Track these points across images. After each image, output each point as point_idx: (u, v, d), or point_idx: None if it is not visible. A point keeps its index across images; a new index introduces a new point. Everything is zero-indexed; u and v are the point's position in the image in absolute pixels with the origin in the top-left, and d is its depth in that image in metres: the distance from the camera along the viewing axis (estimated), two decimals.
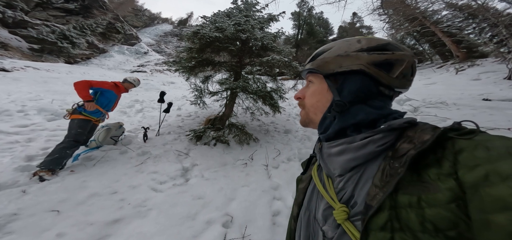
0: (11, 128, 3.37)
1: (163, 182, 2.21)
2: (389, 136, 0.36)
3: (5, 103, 4.51)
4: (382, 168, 0.33)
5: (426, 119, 4.00)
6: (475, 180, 0.26)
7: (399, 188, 0.30)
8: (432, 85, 7.44)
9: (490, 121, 3.22)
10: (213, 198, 1.96)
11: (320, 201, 0.42)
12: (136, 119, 4.59)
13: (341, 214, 0.34)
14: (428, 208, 0.27)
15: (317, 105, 0.45)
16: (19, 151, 2.74)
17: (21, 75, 7.57)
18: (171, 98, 6.42)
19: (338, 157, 0.39)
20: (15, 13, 11.17)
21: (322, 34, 21.54)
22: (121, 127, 3.28)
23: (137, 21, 25.02)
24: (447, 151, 0.30)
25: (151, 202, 1.82)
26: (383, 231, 0.29)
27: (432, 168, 0.29)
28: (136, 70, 12.62)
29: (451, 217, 0.26)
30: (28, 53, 10.86)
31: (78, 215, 1.62)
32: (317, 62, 0.46)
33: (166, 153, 2.98)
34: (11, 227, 1.47)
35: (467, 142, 0.29)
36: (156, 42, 21.39)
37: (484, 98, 4.90)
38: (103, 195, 1.89)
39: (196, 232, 1.47)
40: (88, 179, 2.19)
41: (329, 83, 0.43)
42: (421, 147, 0.30)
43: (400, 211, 0.29)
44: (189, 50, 3.71)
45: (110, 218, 1.58)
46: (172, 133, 3.84)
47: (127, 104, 5.59)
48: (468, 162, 0.27)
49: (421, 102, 5.11)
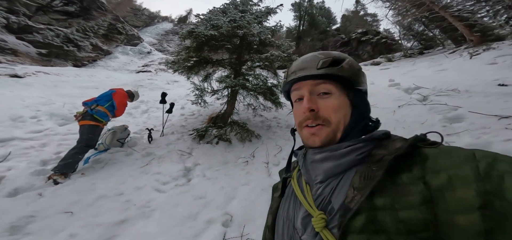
0: (26, 134, 3.57)
1: (166, 182, 2.30)
2: (368, 145, 0.39)
3: (19, 108, 4.76)
4: (360, 172, 0.35)
5: (436, 109, 3.87)
6: (440, 184, 0.28)
7: (375, 191, 0.31)
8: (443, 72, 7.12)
9: (504, 109, 3.05)
10: (214, 197, 2.04)
11: (298, 209, 0.41)
12: (141, 120, 4.73)
13: (319, 222, 0.35)
14: (401, 210, 0.29)
15: (344, 121, 0.41)
16: (34, 156, 2.92)
17: (33, 80, 7.90)
18: (174, 96, 6.52)
19: (321, 163, 0.40)
20: (19, 18, 11.52)
21: (324, 24, 20.73)
22: (126, 129, 3.40)
23: (137, 21, 25.13)
24: (416, 158, 0.33)
25: (155, 203, 1.92)
26: (361, 234, 0.30)
27: (405, 173, 0.32)
28: (141, 70, 12.83)
29: (422, 218, 0.28)
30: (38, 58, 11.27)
31: (88, 216, 1.74)
32: (347, 71, 0.42)
33: (169, 154, 3.09)
34: (29, 228, 1.61)
35: (432, 150, 0.33)
36: (158, 41, 21.51)
37: (499, 83, 4.64)
38: (110, 197, 2.00)
39: (197, 232, 1.55)
40: (96, 181, 2.32)
41: (353, 98, 0.43)
42: (396, 153, 0.33)
43: (377, 213, 0.30)
44: (187, 50, 3.73)
45: (117, 219, 1.69)
46: (176, 133, 3.94)
47: (132, 105, 5.74)
48: (433, 167, 0.30)
49: (431, 90, 4.92)
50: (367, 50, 12.59)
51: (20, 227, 1.61)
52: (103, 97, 3.01)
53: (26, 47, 11.27)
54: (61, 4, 13.87)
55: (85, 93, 6.55)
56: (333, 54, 0.44)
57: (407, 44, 12.19)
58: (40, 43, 11.66)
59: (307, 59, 0.44)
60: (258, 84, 3.65)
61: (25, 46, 11.24)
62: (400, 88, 5.48)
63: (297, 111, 0.45)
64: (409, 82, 5.52)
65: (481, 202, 0.25)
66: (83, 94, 6.75)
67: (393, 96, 5.02)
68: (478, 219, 0.24)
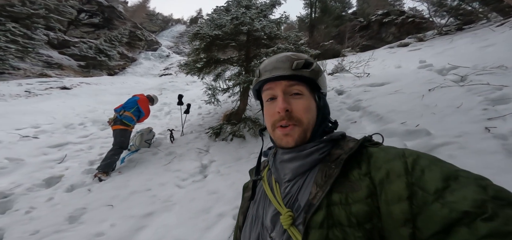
0: (77, 139, 4.29)
1: (185, 179, 2.58)
2: (328, 145, 0.43)
3: (71, 117, 5.69)
4: (322, 170, 0.39)
5: (476, 89, 3.35)
6: (381, 177, 0.33)
7: (333, 188, 0.35)
8: (489, 48, 6.01)
9: None
10: (225, 192, 2.22)
11: (268, 207, 0.43)
12: (165, 122, 5.22)
13: (287, 219, 0.36)
14: (353, 204, 0.32)
15: (312, 122, 0.44)
16: (83, 157, 3.53)
17: (78, 91, 9.22)
18: (193, 96, 6.93)
19: (289, 163, 0.43)
20: (56, 34, 13.31)
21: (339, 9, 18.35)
22: (151, 131, 3.83)
23: (153, 26, 26.60)
24: (363, 156, 0.37)
25: (175, 198, 2.19)
26: (321, 228, 0.33)
27: (355, 170, 0.36)
28: (163, 74, 13.83)
29: (368, 210, 0.31)
30: (79, 70, 13.04)
31: (123, 209, 2.10)
32: (316, 74, 0.45)
33: (188, 152, 3.39)
34: (82, 218, 2.02)
35: (375, 149, 0.38)
36: (174, 44, 22.62)
37: None
38: (140, 192, 2.36)
39: (209, 224, 1.75)
40: (130, 178, 2.72)
41: (317, 100, 0.45)
42: (350, 152, 0.37)
43: (334, 208, 0.33)
44: (196, 51, 3.89)
45: (146, 211, 2.00)
46: (194, 132, 4.26)
47: (157, 108, 6.31)
48: (376, 164, 0.35)
49: (470, 69, 4.26)
50: (391, 31, 11.19)
51: (76, 217, 2.04)
52: (129, 104, 3.43)
53: (68, 60, 13.08)
54: (87, 16, 15.52)
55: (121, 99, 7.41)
56: (305, 57, 0.45)
57: (441, 21, 10.39)
58: (78, 55, 13.38)
59: (280, 59, 0.45)
60: None
61: (67, 59, 13.06)
62: (433, 69, 4.85)
63: (269, 111, 0.45)
64: (444, 62, 4.84)
65: (409, 193, 0.29)
66: (119, 100, 7.63)
67: (423, 79, 4.48)
68: (407, 208, 0.28)
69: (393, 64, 5.83)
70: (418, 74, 4.79)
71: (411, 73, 4.91)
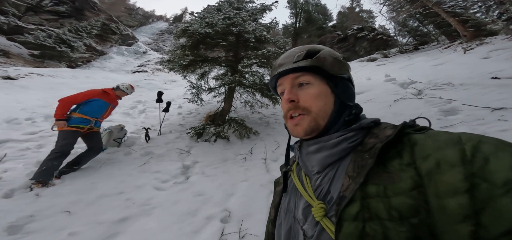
0: (22, 136, 3.54)
1: (166, 181, 2.32)
2: (359, 134, 0.40)
3: (15, 111, 4.71)
4: (354, 161, 0.36)
5: (432, 102, 3.94)
6: (429, 168, 0.29)
7: (368, 179, 0.32)
8: (440, 66, 7.24)
9: (499, 100, 3.11)
10: (212, 194, 2.06)
11: (299, 200, 0.42)
12: (139, 120, 4.72)
13: (319, 211, 0.35)
14: (393, 197, 0.29)
15: (325, 109, 0.42)
16: (30, 157, 2.90)
17: (27, 83, 7.78)
18: (172, 96, 6.51)
19: (316, 154, 0.41)
20: (8, 18, 11.29)
21: (321, 21, 20.74)
22: (122, 129, 3.40)
23: (131, 21, 24.83)
24: (405, 144, 0.33)
25: (155, 201, 1.93)
26: (355, 221, 0.31)
27: (395, 160, 0.32)
28: (137, 70, 12.72)
29: (413, 203, 0.28)
30: (30, 59, 11.08)
31: (88, 215, 1.75)
32: (320, 61, 0.43)
33: (168, 152, 3.10)
34: (29, 227, 1.61)
35: (420, 136, 0.33)
36: (153, 41, 21.32)
37: (493, 76, 4.74)
38: (111, 196, 2.02)
39: (196, 228, 1.57)
40: (96, 180, 2.32)
41: (332, 86, 0.43)
42: (386, 140, 0.34)
43: (370, 201, 0.31)
44: (182, 48, 3.71)
45: (118, 216, 1.70)
46: (174, 132, 3.94)
47: (130, 105, 5.71)
48: (422, 152, 0.31)
49: (426, 84, 5.00)
50: (363, 46, 12.66)
51: (19, 227, 1.62)
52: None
53: (18, 48, 11.06)
54: (51, 4, 13.61)
55: None
56: (308, 47, 0.45)
57: (402, 40, 12.28)
58: (32, 44, 11.45)
59: (285, 55, 0.46)
60: (255, 81, 3.66)
61: (17, 47, 11.03)
62: (396, 82, 5.56)
63: (282, 104, 0.47)
64: (405, 77, 5.60)
65: (468, 185, 0.25)
66: None
67: (389, 90, 5.08)
68: (467, 202, 0.25)
69: (364, 76, 6.50)
70: (385, 86, 5.42)
71: (380, 85, 5.53)
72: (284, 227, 0.43)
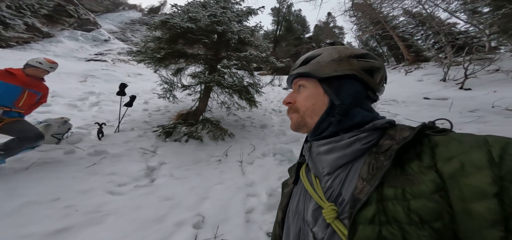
0: None
1: (124, 184, 1.95)
2: (373, 135, 0.38)
3: None
4: (368, 163, 0.34)
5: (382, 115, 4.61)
6: (452, 170, 0.27)
7: (384, 182, 0.31)
8: (388, 85, 8.60)
9: (429, 117, 3.84)
10: (183, 198, 1.82)
11: (308, 202, 0.41)
12: (90, 114, 3.97)
13: (330, 213, 0.34)
14: (413, 200, 0.28)
15: (314, 108, 0.44)
16: None
17: None
18: (137, 90, 5.77)
19: (326, 155, 0.40)
20: None
21: (299, 31, 22.39)
22: (66, 123, 2.78)
23: (96, 6, 21.68)
24: (425, 146, 0.32)
25: (108, 207, 1.58)
26: (371, 224, 0.29)
27: (414, 162, 0.31)
28: (94, 59, 10.93)
29: (436, 207, 0.26)
30: None
31: (7, 228, 1.29)
32: (311, 66, 0.45)
33: (128, 152, 2.66)
34: None
35: (441, 137, 0.32)
36: (120, 30, 19.00)
37: (424, 97, 5.84)
38: (41, 203, 1.55)
39: (164, 235, 1.33)
40: (20, 185, 1.77)
41: (325, 87, 0.44)
42: (403, 142, 0.32)
43: (387, 203, 0.29)
44: (158, 40, 3.37)
45: (52, 228, 1.31)
46: (137, 129, 3.45)
47: (78, 96, 4.79)
48: (444, 154, 0.29)
49: None
50: None
51: None
52: None
53: None
54: None
55: None
56: (308, 54, 0.48)
57: None
58: None
59: (296, 62, 0.50)
60: (234, 82, 3.57)
61: None
62: None
63: None
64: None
65: (497, 189, 0.24)
66: None
67: None
68: (495, 207, 0.23)
69: None
70: None
71: None
72: (293, 229, 0.43)
